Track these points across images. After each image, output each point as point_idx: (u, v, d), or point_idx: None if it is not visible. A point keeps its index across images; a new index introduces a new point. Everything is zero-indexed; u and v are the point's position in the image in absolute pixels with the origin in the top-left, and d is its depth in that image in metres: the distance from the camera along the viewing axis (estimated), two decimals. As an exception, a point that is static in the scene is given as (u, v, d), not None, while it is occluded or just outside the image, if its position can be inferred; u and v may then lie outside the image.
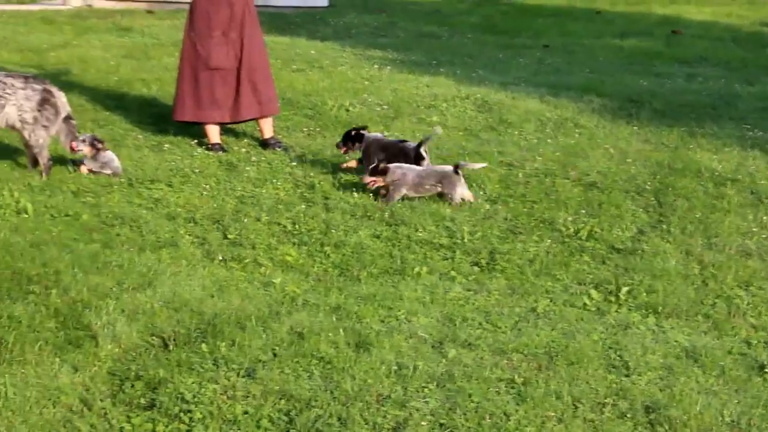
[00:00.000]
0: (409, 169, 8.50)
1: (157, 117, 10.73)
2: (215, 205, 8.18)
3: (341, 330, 5.69)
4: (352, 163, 9.16)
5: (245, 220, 7.84)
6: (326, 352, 5.40)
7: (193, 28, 9.83)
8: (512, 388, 5.13)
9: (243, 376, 5.10)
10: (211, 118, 9.81)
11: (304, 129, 10.57)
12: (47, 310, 5.72)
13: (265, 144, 9.96)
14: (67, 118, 8.67)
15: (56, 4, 19.83)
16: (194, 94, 9.77)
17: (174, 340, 5.49)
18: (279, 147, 9.85)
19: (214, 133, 9.90)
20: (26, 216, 7.51)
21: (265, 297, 6.28)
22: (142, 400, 4.83)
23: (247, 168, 9.18)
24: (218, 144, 9.85)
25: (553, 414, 4.86)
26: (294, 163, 9.34)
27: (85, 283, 6.15)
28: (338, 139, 9.31)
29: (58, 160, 8.90)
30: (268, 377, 5.06)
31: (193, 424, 4.64)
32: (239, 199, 8.38)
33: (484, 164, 8.94)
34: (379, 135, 9.29)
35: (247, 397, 4.88)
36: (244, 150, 9.79)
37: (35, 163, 8.70)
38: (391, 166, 8.43)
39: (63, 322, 5.61)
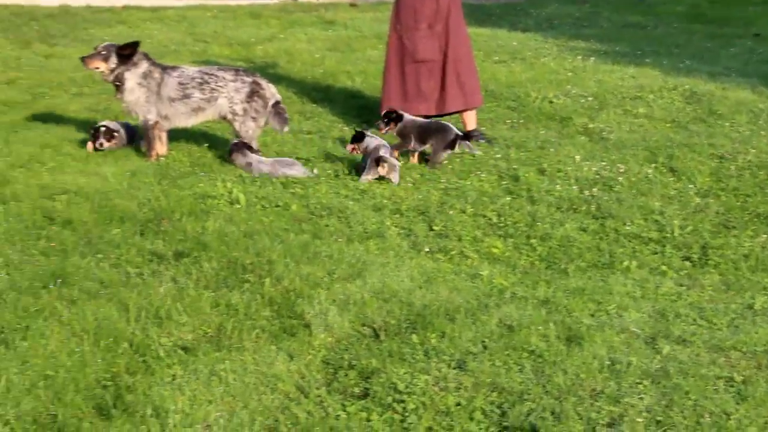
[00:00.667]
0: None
1: (361, 109, 10.88)
2: (420, 197, 8.22)
3: (551, 323, 5.62)
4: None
5: (450, 212, 7.85)
6: (537, 345, 5.35)
7: (399, 21, 9.90)
8: (731, 386, 4.96)
9: (454, 368, 5.10)
10: (417, 110, 9.87)
11: (507, 121, 10.51)
12: (262, 298, 5.86)
13: (468, 136, 9.94)
14: (276, 104, 8.89)
15: (264, -1, 20.36)
16: (401, 87, 9.85)
17: (384, 330, 5.54)
18: (482, 139, 9.81)
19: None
20: (239, 206, 7.72)
21: (473, 289, 6.27)
22: (356, 389, 4.89)
23: (451, 160, 9.18)
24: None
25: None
26: (498, 156, 9.29)
27: (297, 273, 6.27)
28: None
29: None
30: (479, 369, 5.05)
31: (406, 414, 4.67)
32: (444, 191, 8.40)
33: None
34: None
35: (459, 388, 4.88)
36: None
37: (246, 155, 8.93)
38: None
39: (277, 310, 5.74)
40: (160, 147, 9.01)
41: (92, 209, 7.33)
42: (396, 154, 8.92)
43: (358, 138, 8.80)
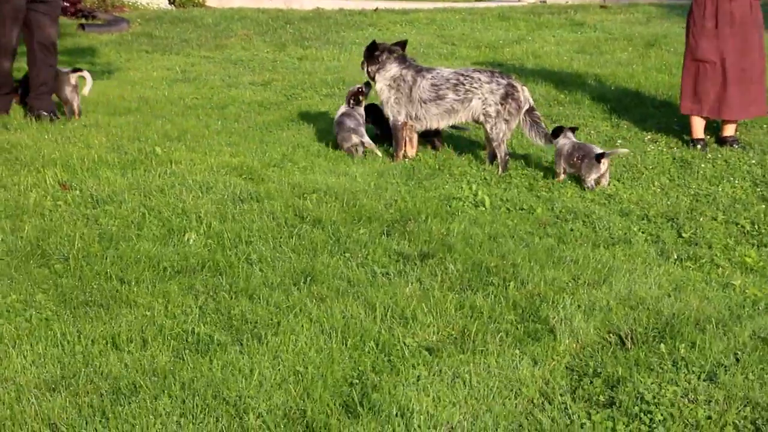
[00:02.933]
0: None
1: (609, 112, 10.70)
2: (669, 203, 8.01)
3: (810, 338, 5.36)
4: None
5: (700, 219, 7.61)
6: (794, 361, 5.11)
7: (692, 17, 9.66)
8: None
9: (704, 380, 4.93)
10: (690, 110, 9.63)
11: (763, 126, 10.10)
12: (506, 301, 5.84)
13: (722, 141, 9.63)
14: (530, 110, 8.84)
15: (512, 1, 20.34)
16: (691, 87, 9.63)
17: (631, 338, 5.41)
18: (737, 145, 9.49)
19: (698, 127, 9.71)
20: (483, 209, 7.72)
21: (724, 299, 6.05)
22: (601, 398, 4.79)
23: (702, 165, 8.92)
24: (701, 140, 9.64)
25: None
26: (753, 161, 8.95)
27: (541, 277, 6.22)
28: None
29: (513, 155, 9.08)
30: (731, 382, 4.87)
31: (654, 425, 4.54)
32: (694, 197, 8.16)
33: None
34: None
35: (710, 401, 4.71)
36: (698, 146, 9.50)
37: (493, 157, 8.93)
38: None
39: (521, 314, 5.70)
40: (409, 149, 9.12)
41: (341, 208, 7.49)
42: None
43: (555, 133, 8.71)
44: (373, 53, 9.10)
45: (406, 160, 9.04)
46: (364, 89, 9.45)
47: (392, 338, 5.36)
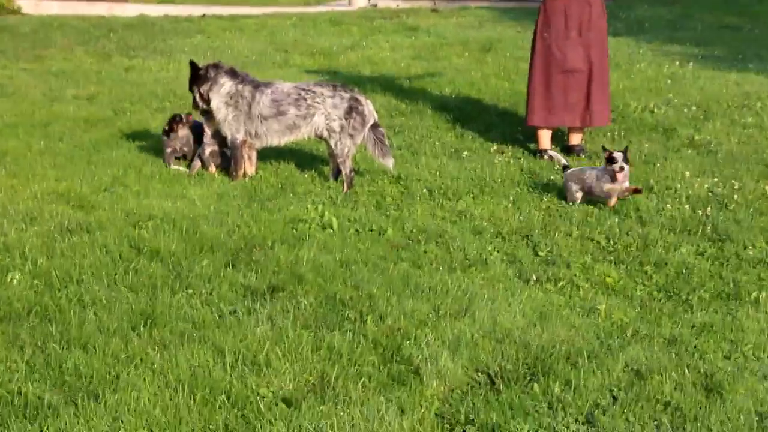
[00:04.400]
0: None
1: (453, 122, 10.41)
2: (521, 218, 7.75)
3: (685, 369, 5.11)
4: None
5: (555, 235, 7.38)
6: (671, 395, 4.85)
7: (549, 27, 9.37)
8: None
9: (583, 423, 4.62)
10: (562, 121, 9.42)
11: (607, 134, 9.98)
12: (366, 340, 5.42)
13: (568, 150, 9.45)
14: (375, 126, 8.44)
15: (342, 5, 19.99)
16: (546, 98, 9.38)
17: (501, 377, 5.07)
18: (583, 154, 9.32)
19: (545, 138, 9.50)
20: (331, 231, 7.30)
21: (592, 326, 5.78)
22: (477, 450, 4.43)
23: (551, 177, 8.70)
24: (548, 151, 9.43)
25: None
26: (601, 171, 8.77)
27: (400, 309, 5.83)
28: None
29: (359, 171, 8.68)
30: (611, 425, 4.57)
31: (536, 481, 4.20)
32: (546, 212, 7.92)
33: None
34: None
35: (591, 449, 4.40)
36: (546, 157, 9.29)
37: (338, 173, 8.52)
38: None
39: (383, 354, 5.29)
40: (249, 167, 8.63)
41: (180, 237, 6.96)
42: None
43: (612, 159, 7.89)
44: (198, 73, 8.57)
45: (246, 179, 8.54)
46: (183, 118, 8.92)
47: (245, 389, 4.88)
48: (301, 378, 5.03)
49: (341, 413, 4.68)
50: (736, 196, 8.11)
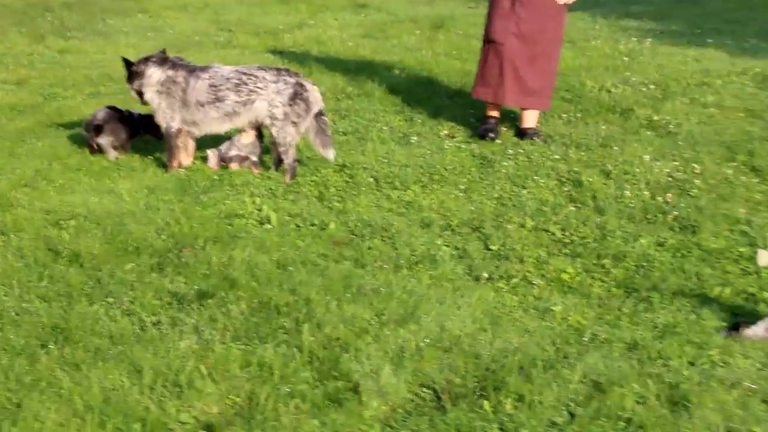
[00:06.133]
0: None
1: (402, 105, 9.92)
2: (472, 209, 7.30)
3: (647, 379, 4.67)
4: None
5: (508, 227, 6.94)
6: (634, 410, 4.43)
7: None
8: None
9: (538, 446, 4.18)
10: (477, 94, 8.96)
11: (562, 115, 9.53)
12: (300, 353, 4.94)
13: (522, 134, 8.98)
14: (319, 114, 7.93)
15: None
16: (481, 69, 8.92)
17: (448, 393, 4.61)
18: (537, 138, 8.86)
19: (492, 108, 9.05)
20: (270, 227, 6.82)
21: (547, 331, 5.34)
22: (421, 482, 3.97)
23: (504, 163, 8.24)
24: (492, 119, 9.08)
25: None
26: (556, 156, 8.33)
27: (339, 315, 5.36)
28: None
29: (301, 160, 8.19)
30: (568, 448, 4.12)
31: None
32: (498, 201, 7.48)
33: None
34: None
35: (547, 478, 3.95)
36: (498, 141, 8.83)
37: (280, 162, 8.02)
38: None
39: (319, 369, 4.82)
40: (185, 157, 8.09)
41: (104, 238, 6.45)
42: None
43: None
44: (131, 70, 8.05)
45: (182, 170, 8.02)
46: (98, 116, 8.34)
47: (163, 415, 4.41)
48: (227, 400, 4.56)
49: (271, 442, 4.21)
50: (697, 181, 7.72)
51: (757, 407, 4.46)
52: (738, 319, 5.50)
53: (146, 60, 8.07)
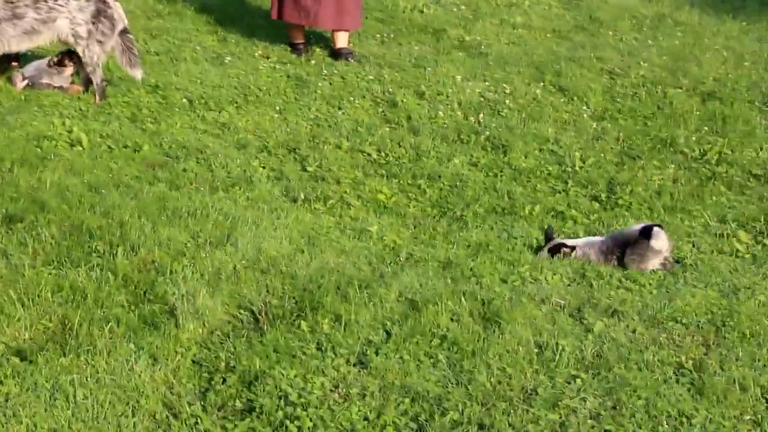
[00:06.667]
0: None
1: (215, 24, 9.74)
2: (288, 130, 7.29)
3: (461, 297, 4.77)
4: None
5: (324, 148, 6.96)
6: (448, 327, 4.51)
7: None
8: (683, 375, 4.21)
9: (354, 365, 4.23)
10: (290, 17, 8.84)
11: (376, 36, 9.54)
12: (114, 277, 4.84)
13: (336, 54, 8.96)
14: (124, 32, 7.70)
15: None
16: None
17: (266, 314, 4.61)
18: (352, 58, 8.85)
19: (297, 33, 8.97)
20: (81, 149, 6.64)
21: (363, 251, 5.39)
22: (238, 402, 3.95)
23: (319, 84, 8.21)
24: (301, 43, 9.04)
25: (745, 415, 3.95)
26: (371, 77, 8.35)
27: (154, 238, 5.26)
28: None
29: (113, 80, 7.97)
30: (384, 366, 4.18)
31: (303, 435, 3.78)
32: (314, 122, 7.48)
33: None
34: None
35: (364, 395, 4.00)
36: (313, 62, 8.79)
37: (88, 83, 7.78)
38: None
39: (134, 293, 4.74)
40: (-15, 77, 7.77)
41: None
42: None
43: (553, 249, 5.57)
44: None
45: (-16, 90, 7.70)
46: None
47: (-28, 343, 4.26)
48: (38, 325, 4.44)
49: (84, 366, 4.13)
50: (507, 101, 7.88)
51: (565, 321, 4.61)
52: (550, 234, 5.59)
53: None
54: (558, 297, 4.85)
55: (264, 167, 6.62)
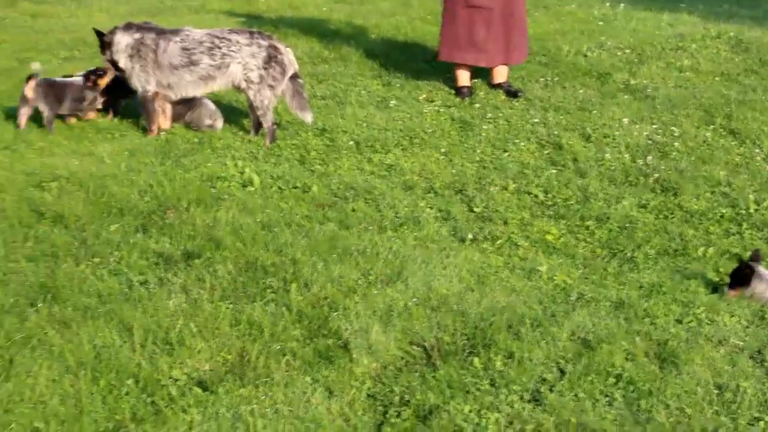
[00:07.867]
0: None
1: (379, 69, 9.89)
2: (454, 171, 7.32)
3: (636, 337, 4.71)
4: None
5: (491, 189, 6.96)
6: (623, 367, 4.45)
7: None
8: None
9: (529, 401, 4.21)
10: (463, 59, 8.95)
11: (540, 79, 9.53)
12: (289, 311, 4.94)
13: (498, 88, 9.05)
14: (294, 77, 7.90)
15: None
16: (452, 33, 8.92)
17: (438, 350, 4.63)
18: (511, 89, 8.95)
19: (462, 76, 9.08)
20: (252, 189, 6.80)
21: (533, 290, 5.37)
22: (414, 435, 3.99)
23: (484, 126, 8.24)
24: (467, 87, 9.08)
25: None
26: (536, 120, 8.34)
27: (326, 275, 5.35)
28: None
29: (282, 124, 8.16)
30: (559, 403, 4.16)
31: (480, 472, 3.78)
32: (480, 164, 7.49)
33: None
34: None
35: (539, 431, 3.98)
36: (477, 105, 8.83)
37: (259, 126, 7.99)
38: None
39: (308, 327, 4.82)
40: (163, 120, 8.05)
41: (87, 200, 6.41)
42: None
43: (742, 279, 5.37)
44: (102, 40, 7.96)
45: (162, 134, 7.97)
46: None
47: (155, 372, 4.40)
48: (218, 357, 4.56)
49: (262, 396, 4.22)
50: (676, 144, 7.75)
51: (744, 363, 4.51)
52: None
53: (114, 29, 8.01)
54: (737, 338, 4.73)
55: (431, 208, 6.66)
